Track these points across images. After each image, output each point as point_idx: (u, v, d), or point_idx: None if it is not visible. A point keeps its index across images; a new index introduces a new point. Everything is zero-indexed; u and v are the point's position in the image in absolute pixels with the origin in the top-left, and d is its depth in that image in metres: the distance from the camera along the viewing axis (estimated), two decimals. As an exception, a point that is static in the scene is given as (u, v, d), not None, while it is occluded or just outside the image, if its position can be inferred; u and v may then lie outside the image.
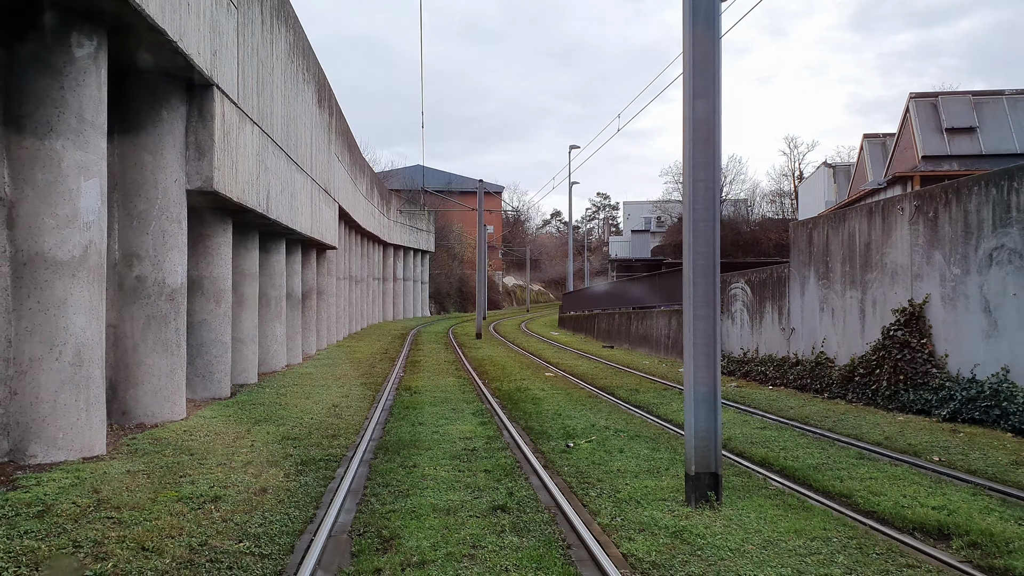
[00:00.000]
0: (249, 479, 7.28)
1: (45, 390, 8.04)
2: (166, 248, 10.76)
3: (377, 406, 12.57)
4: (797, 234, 17.05)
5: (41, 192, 8.05)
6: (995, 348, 11.19)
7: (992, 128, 24.78)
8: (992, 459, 8.49)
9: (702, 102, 6.52)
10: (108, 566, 4.84)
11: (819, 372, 15.07)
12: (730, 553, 5.24)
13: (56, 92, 8.15)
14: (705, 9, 6.41)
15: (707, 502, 6.37)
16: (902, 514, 6.25)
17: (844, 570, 4.93)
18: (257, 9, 13.92)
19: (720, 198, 6.53)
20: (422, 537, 5.55)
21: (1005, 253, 11.04)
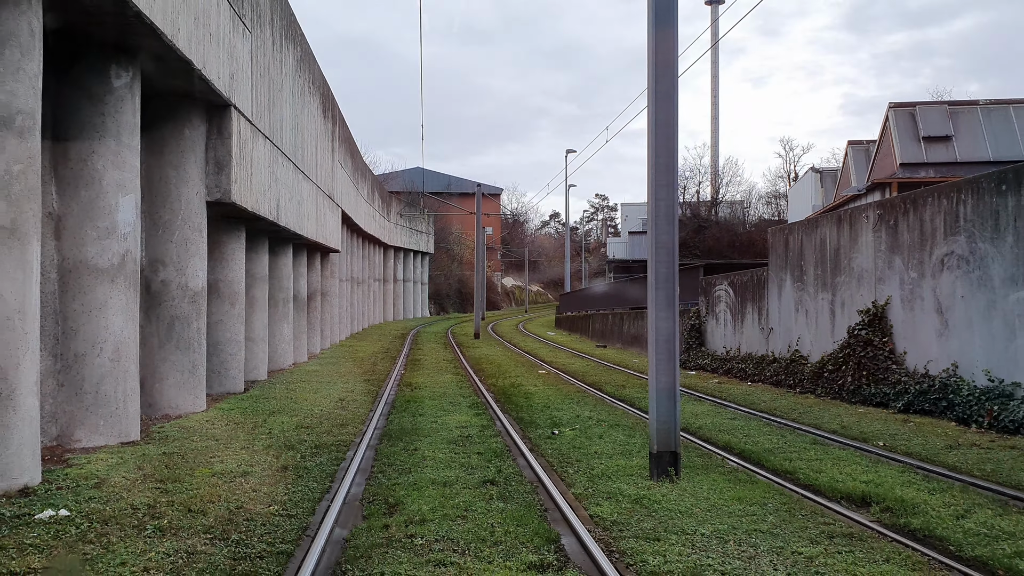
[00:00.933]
0: (271, 459, 8.32)
1: (88, 383, 9.07)
2: (188, 255, 11.80)
3: (380, 400, 13.60)
4: (775, 239, 18.10)
5: (84, 207, 9.08)
6: (946, 346, 12.23)
7: (967, 137, 25.85)
8: (930, 444, 9.53)
9: (664, 129, 7.56)
10: (164, 522, 5.88)
11: (793, 369, 16.12)
12: (679, 514, 6.27)
13: (97, 118, 9.18)
14: (665, 58, 7.44)
15: (667, 476, 7.41)
16: (835, 487, 7.29)
17: (770, 526, 5.97)
18: (268, 31, 14.96)
19: (677, 215, 7.56)
20: (422, 503, 6.58)
21: (954, 259, 12.09)
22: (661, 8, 7.55)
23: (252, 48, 13.57)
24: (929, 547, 5.56)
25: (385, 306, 49.58)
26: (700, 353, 21.39)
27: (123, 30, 8.77)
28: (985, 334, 11.43)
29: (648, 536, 5.70)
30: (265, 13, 14.64)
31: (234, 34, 12.30)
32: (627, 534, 5.77)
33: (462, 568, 4.99)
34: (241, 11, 12.71)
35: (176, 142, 11.72)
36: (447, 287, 75.44)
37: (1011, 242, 10.97)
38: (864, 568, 5.02)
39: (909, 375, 12.81)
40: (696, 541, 5.58)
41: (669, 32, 7.46)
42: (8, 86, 6.82)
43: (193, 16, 10.13)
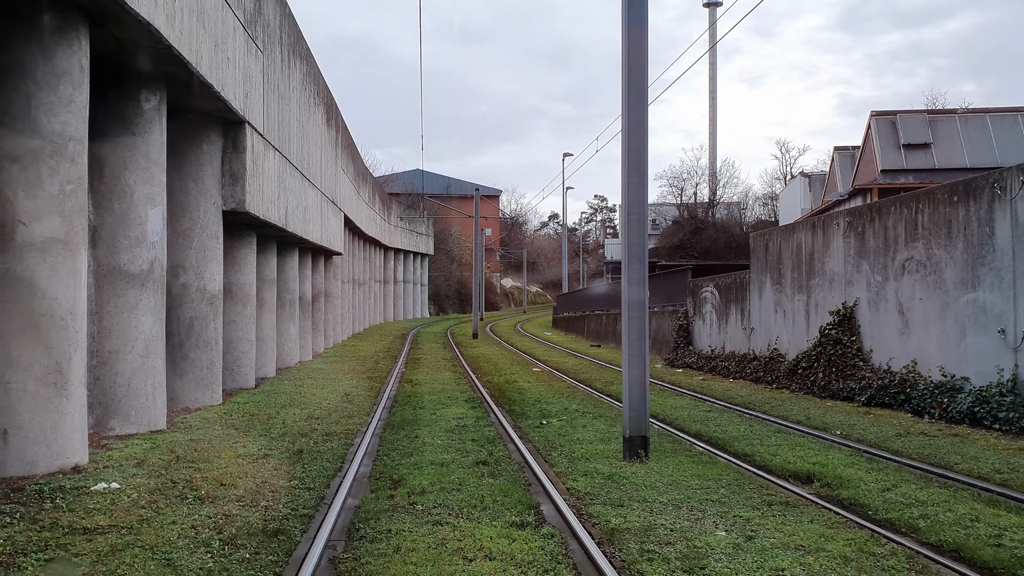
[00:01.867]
0: (287, 444, 9.32)
1: (121, 376, 10.06)
2: (206, 260, 12.80)
3: (383, 395, 14.60)
4: (756, 243, 19.12)
5: (118, 218, 10.07)
6: (906, 344, 13.24)
7: (945, 144, 26.87)
8: (883, 433, 10.54)
9: (636, 154, 8.57)
10: (201, 492, 6.88)
11: (771, 366, 17.13)
12: (643, 487, 7.27)
13: (128, 138, 10.18)
14: (637, 88, 8.44)
15: (638, 458, 8.41)
16: (785, 467, 8.29)
17: (720, 496, 6.96)
18: (278, 49, 15.96)
19: (648, 227, 8.54)
20: (423, 479, 7.58)
21: (914, 264, 13.10)
22: (633, 11, 8.54)
23: (264, 67, 14.57)
24: (850, 512, 6.56)
25: (385, 307, 50.58)
26: (688, 352, 22.38)
27: (154, 60, 9.77)
28: (940, 333, 12.44)
29: (614, 503, 6.70)
30: (274, 33, 15.63)
31: (248, 55, 13.29)
32: (596, 502, 6.77)
33: (456, 527, 5.98)
34: (254, 33, 13.71)
35: (195, 156, 12.73)
36: (446, 288, 76.42)
37: (962, 248, 11.98)
38: (790, 526, 6.01)
39: (874, 371, 13.81)
40: (654, 507, 6.58)
41: (641, 82, 8.46)
42: (62, 117, 7.82)
43: (213, 43, 11.13)
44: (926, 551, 5.49)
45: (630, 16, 8.41)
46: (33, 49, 7.68)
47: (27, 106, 7.63)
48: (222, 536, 5.67)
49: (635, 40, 8.43)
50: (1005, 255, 11.12)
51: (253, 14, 13.66)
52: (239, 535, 5.71)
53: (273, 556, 5.29)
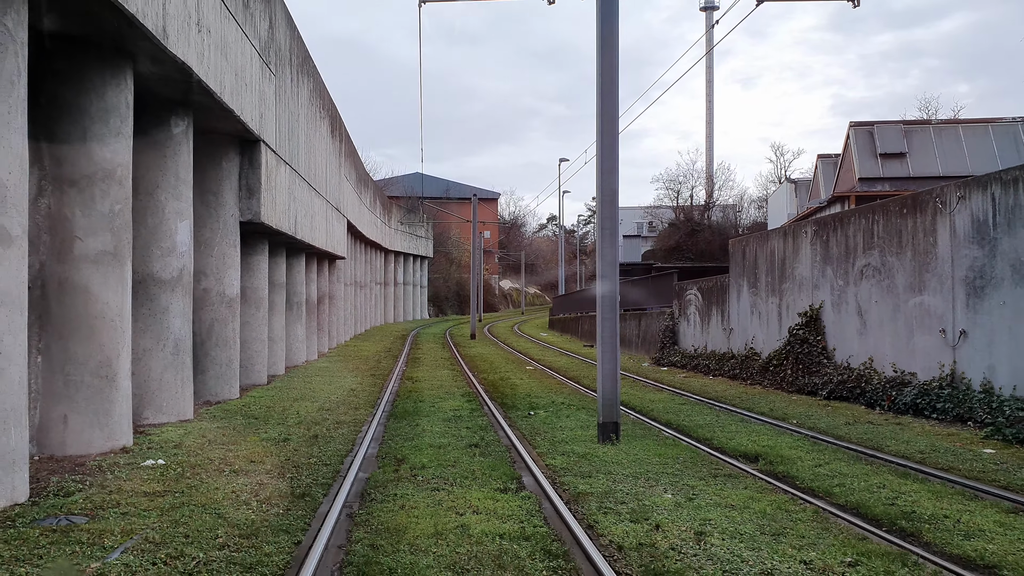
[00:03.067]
0: (303, 431, 10.58)
1: (154, 371, 11.32)
2: (225, 267, 14.06)
3: (386, 390, 15.85)
4: (734, 249, 20.38)
5: (151, 231, 11.33)
6: (864, 343, 14.51)
7: (920, 154, 28.16)
8: (834, 422, 11.79)
9: (609, 177, 9.83)
10: (236, 467, 8.13)
11: (747, 364, 18.39)
12: (610, 463, 8.53)
13: (159, 160, 11.43)
14: (610, 115, 9.71)
15: (610, 440, 9.67)
16: (737, 448, 9.54)
17: (674, 470, 8.22)
18: (288, 71, 17.22)
19: (619, 238, 9.77)
20: (423, 457, 8.83)
21: (870, 269, 14.36)
22: (607, 36, 9.80)
23: (276, 88, 15.83)
24: (782, 482, 7.81)
25: (386, 308, 51.83)
26: (673, 351, 23.64)
27: (184, 91, 11.03)
28: (892, 333, 13.71)
29: (583, 475, 7.96)
30: (285, 55, 16.89)
31: (263, 80, 14.55)
32: (568, 474, 8.03)
33: (450, 492, 7.23)
34: (267, 59, 14.97)
35: (215, 172, 13.99)
36: (446, 290, 77.68)
37: (910, 256, 13.24)
38: (726, 492, 7.27)
39: (836, 368, 15.08)
40: (616, 478, 7.84)
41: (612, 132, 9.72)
42: (112, 146, 9.08)
43: (234, 73, 12.39)
44: (832, 508, 6.75)
45: (604, 89, 9.67)
46: (87, 89, 8.93)
47: (83, 138, 8.88)
48: (259, 498, 6.93)
49: (608, 88, 9.69)
50: (946, 262, 12.38)
51: (267, 41, 14.92)
52: (272, 497, 6.97)
53: (302, 511, 6.55)
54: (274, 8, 15.53)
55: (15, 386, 6.73)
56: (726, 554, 5.40)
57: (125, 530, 5.86)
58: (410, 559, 5.27)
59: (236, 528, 5.97)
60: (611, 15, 9.61)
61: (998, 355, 11.27)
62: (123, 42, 8.92)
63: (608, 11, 9.57)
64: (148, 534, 5.77)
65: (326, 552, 5.47)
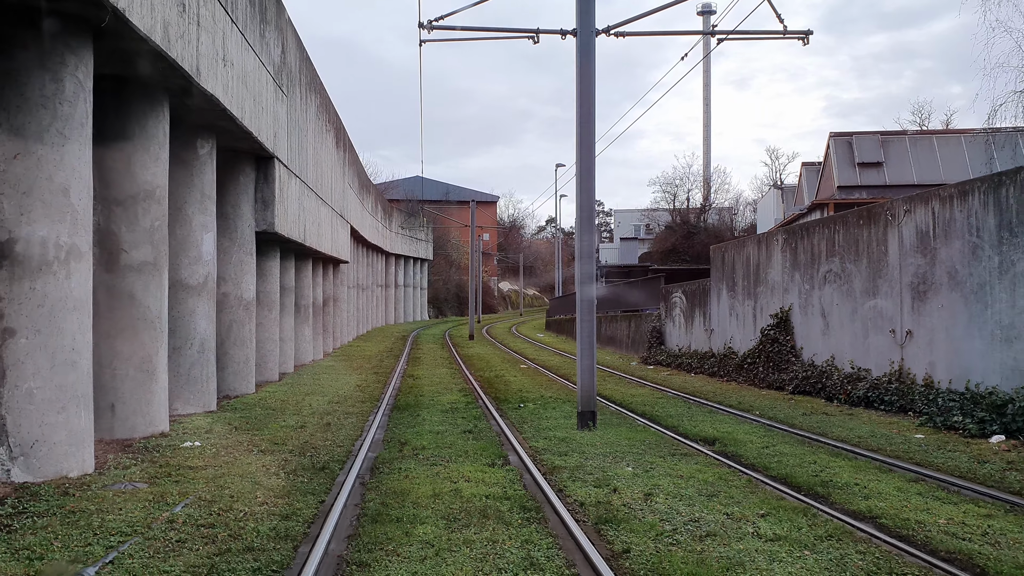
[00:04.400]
0: (317, 420, 11.92)
1: (183, 368, 12.65)
2: (243, 272, 15.41)
3: (389, 386, 17.19)
4: (715, 255, 21.73)
5: (180, 242, 12.66)
6: (827, 342, 15.85)
7: (895, 163, 29.53)
8: (792, 413, 13.12)
9: (586, 195, 11.18)
10: (262, 447, 9.47)
11: (725, 362, 19.73)
12: (585, 445, 9.87)
13: (187, 178, 12.77)
14: (586, 147, 11.06)
15: (587, 427, 11.01)
16: (699, 434, 10.87)
17: (639, 450, 9.55)
18: (297, 90, 18.57)
19: (596, 250, 11.09)
20: (423, 441, 10.17)
21: (832, 275, 15.71)
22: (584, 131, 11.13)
23: (287, 108, 17.18)
24: (729, 460, 9.15)
25: (387, 310, 53.18)
26: (660, 351, 24.98)
27: (209, 117, 12.38)
28: (851, 333, 15.05)
29: (560, 454, 9.31)
30: (295, 76, 18.24)
31: (276, 102, 15.91)
32: (548, 453, 9.38)
33: (446, 466, 8.56)
34: (280, 82, 16.32)
35: (233, 186, 15.34)
36: (445, 291, 79.02)
37: (866, 263, 14.59)
38: (678, 466, 8.60)
39: (803, 365, 16.42)
40: (588, 456, 9.18)
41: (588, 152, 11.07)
42: (152, 170, 10.42)
43: (252, 98, 13.74)
44: (764, 479, 8.09)
45: (582, 129, 11.03)
46: (132, 120, 10.27)
47: (128, 163, 10.22)
48: (286, 470, 8.27)
49: (585, 120, 11.05)
50: (895, 269, 13.73)
51: (280, 66, 16.27)
52: (297, 470, 8.32)
53: (323, 480, 7.89)
54: (286, 35, 16.88)
55: (84, 376, 8.08)
56: (665, 508, 6.75)
57: (180, 492, 7.20)
58: (413, 512, 6.60)
59: (271, 491, 7.32)
60: (588, 62, 10.97)
61: (937, 353, 12.62)
62: (163, 81, 10.27)
63: (585, 60, 10.93)
64: (200, 495, 7.11)
65: (346, 508, 6.81)
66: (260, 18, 14.32)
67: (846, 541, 5.83)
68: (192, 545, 5.65)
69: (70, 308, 7.90)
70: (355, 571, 5.18)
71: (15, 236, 7.62)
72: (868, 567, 5.26)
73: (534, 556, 5.43)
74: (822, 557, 5.46)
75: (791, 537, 5.90)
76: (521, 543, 5.73)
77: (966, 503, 7.05)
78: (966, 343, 11.94)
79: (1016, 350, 10.92)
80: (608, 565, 5.22)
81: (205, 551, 5.51)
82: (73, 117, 7.95)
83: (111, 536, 5.82)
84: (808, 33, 12.53)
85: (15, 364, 7.57)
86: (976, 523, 6.35)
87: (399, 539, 5.83)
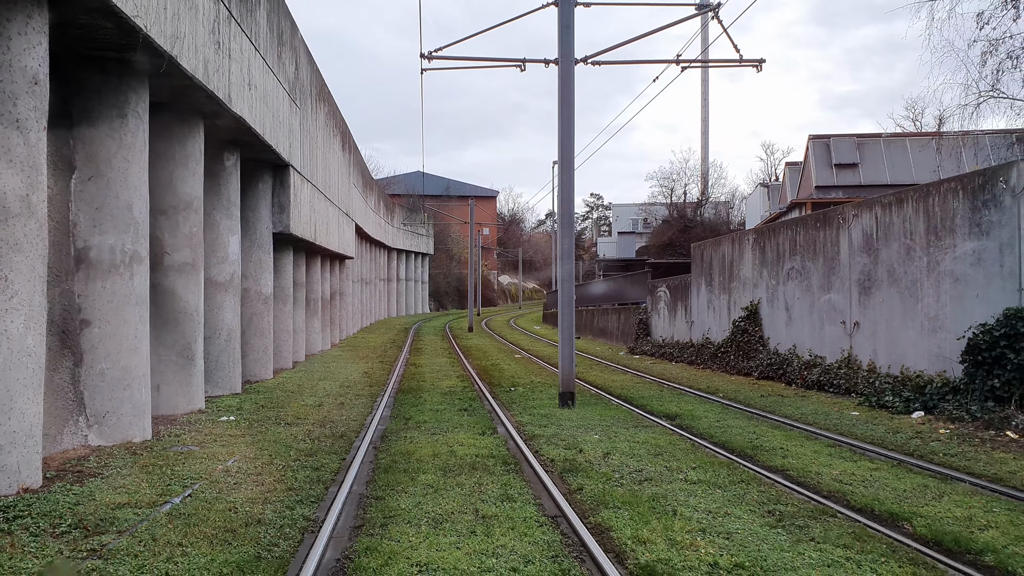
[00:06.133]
0: (331, 400, 13.61)
1: (212, 355, 14.32)
2: (261, 270, 17.08)
3: (393, 373, 18.88)
4: (695, 252, 23.38)
5: (210, 244, 14.32)
6: (791, 332, 17.52)
7: (870, 164, 31.13)
8: (752, 395, 14.79)
9: (567, 203, 12.83)
10: (288, 421, 11.15)
11: (702, 351, 21.40)
12: (563, 419, 11.54)
13: (215, 187, 14.42)
14: (567, 163, 12.70)
15: (567, 406, 12.68)
16: (663, 411, 12.54)
17: (608, 423, 11.21)
18: (309, 101, 20.20)
19: (573, 254, 12.74)
20: (424, 417, 11.84)
21: (794, 272, 17.37)
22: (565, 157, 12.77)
23: (300, 119, 18.81)
24: (683, 431, 10.81)
25: (389, 303, 54.87)
26: (646, 342, 26.66)
27: (235, 133, 14.02)
28: (809, 324, 16.71)
29: (540, 426, 10.99)
30: (307, 89, 19.87)
31: (291, 115, 17.54)
32: (530, 426, 11.05)
33: (444, 435, 10.23)
34: (294, 96, 17.95)
35: (253, 192, 16.99)
36: (446, 285, 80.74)
37: (822, 262, 16.24)
38: (638, 435, 10.26)
39: (769, 353, 18.09)
40: (563, 428, 10.85)
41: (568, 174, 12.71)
42: (190, 183, 12.07)
43: (272, 114, 15.38)
44: (706, 444, 9.76)
45: (563, 156, 12.66)
46: (174, 141, 11.92)
47: (171, 178, 11.88)
48: (310, 437, 9.96)
49: (565, 140, 12.70)
50: (845, 267, 15.38)
51: (294, 82, 17.90)
52: (320, 437, 10.00)
53: (343, 444, 9.57)
54: (299, 53, 18.51)
55: (144, 360, 9.76)
56: (618, 463, 8.42)
57: (228, 452, 8.89)
58: (416, 465, 8.28)
59: (301, 451, 9.01)
60: (568, 88, 12.59)
61: (879, 341, 14.28)
62: (200, 107, 11.92)
63: (566, 86, 12.55)
64: (245, 454, 8.79)
65: (363, 463, 8.48)
66: (278, 41, 15.95)
67: (752, 485, 7.51)
68: (247, 486, 7.33)
69: (133, 303, 9.57)
70: (374, 503, 6.86)
71: (89, 244, 9.28)
72: (760, 499, 6.93)
73: (510, 493, 7.11)
74: (728, 493, 7.14)
75: (710, 481, 7.58)
76: (501, 485, 7.40)
77: (863, 461, 8.72)
78: (901, 333, 13.60)
79: (939, 339, 12.59)
80: (564, 498, 6.89)
81: (258, 489, 7.19)
82: (135, 145, 9.60)
83: (183, 480, 7.51)
84: (761, 61, 14.14)
85: (90, 349, 9.25)
86: (863, 474, 8.02)
87: (406, 483, 7.51)
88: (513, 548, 5.52)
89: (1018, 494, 7.16)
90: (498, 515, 6.35)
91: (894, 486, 7.49)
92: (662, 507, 6.59)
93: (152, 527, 5.90)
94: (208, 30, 10.91)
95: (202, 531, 5.84)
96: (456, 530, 5.95)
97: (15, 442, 6.83)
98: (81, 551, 5.35)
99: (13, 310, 6.87)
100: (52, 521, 5.99)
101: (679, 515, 6.34)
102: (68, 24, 8.20)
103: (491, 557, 5.33)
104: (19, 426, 6.88)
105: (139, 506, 6.53)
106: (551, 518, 6.34)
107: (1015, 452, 9.03)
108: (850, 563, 5.23)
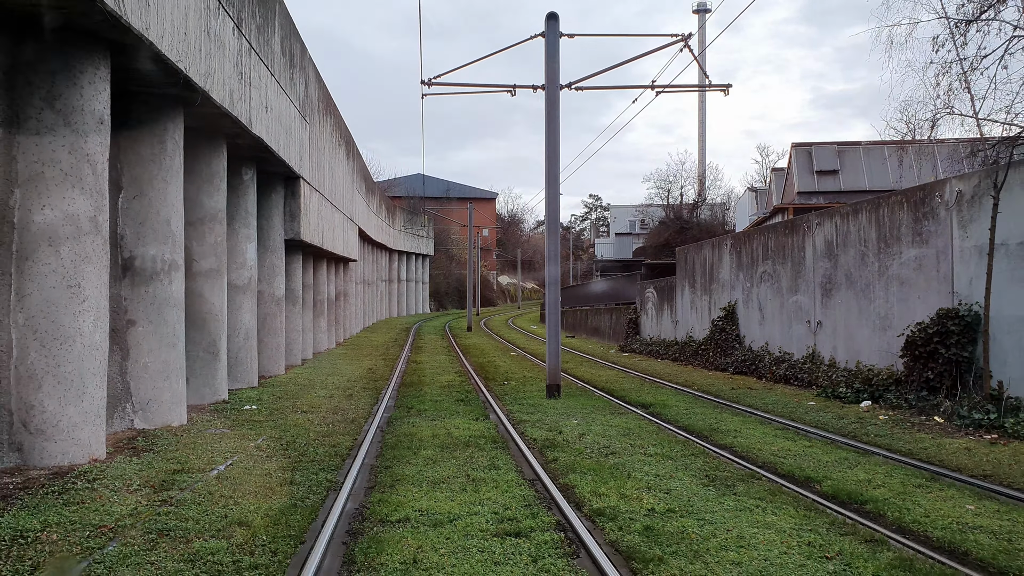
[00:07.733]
0: (341, 392, 15.04)
1: (231, 352, 15.75)
2: (274, 274, 18.51)
3: (396, 369, 20.31)
4: (679, 256, 24.81)
5: (230, 251, 15.74)
6: (763, 331, 18.94)
7: (850, 170, 32.57)
8: (723, 388, 16.21)
9: (552, 214, 14.27)
10: (304, 408, 12.59)
11: (685, 349, 22.83)
12: (548, 408, 12.97)
13: (235, 199, 15.85)
14: (553, 177, 14.12)
15: (554, 396, 14.12)
16: (639, 401, 13.96)
17: (588, 411, 12.64)
18: (317, 116, 21.63)
19: (559, 260, 14.14)
20: (425, 406, 13.27)
21: (767, 275, 18.79)
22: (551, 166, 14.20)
23: (309, 133, 20.24)
24: (654, 417, 12.23)
25: (391, 304, 56.31)
26: (636, 340, 28.09)
27: (252, 150, 15.46)
28: (779, 323, 18.14)
29: (528, 413, 12.42)
30: (315, 104, 21.29)
31: (301, 130, 18.98)
32: (518, 413, 12.48)
33: (443, 421, 11.66)
34: (304, 113, 19.38)
35: (267, 203, 18.42)
36: (446, 285, 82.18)
37: (790, 265, 17.66)
38: (613, 420, 11.69)
39: (744, 350, 19.52)
40: (547, 415, 12.28)
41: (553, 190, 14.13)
42: (215, 198, 13.50)
43: (285, 132, 16.81)
44: (672, 427, 11.18)
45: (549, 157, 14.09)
46: (200, 161, 13.35)
47: (198, 193, 13.31)
48: (324, 422, 11.39)
49: (552, 158, 14.13)
50: (810, 271, 16.81)
51: (303, 99, 19.33)
52: (333, 421, 11.44)
53: (354, 428, 11.00)
54: (308, 72, 19.95)
55: (180, 354, 11.19)
56: (592, 441, 9.86)
57: (256, 434, 10.32)
58: (418, 444, 9.72)
59: (318, 432, 10.44)
60: (554, 111, 14.02)
61: (838, 338, 15.70)
62: (223, 130, 13.35)
63: (552, 109, 13.98)
64: (269, 435, 10.23)
65: (372, 442, 9.91)
66: (290, 64, 17.39)
67: (700, 457, 8.94)
68: (277, 459, 8.76)
69: (171, 305, 11.00)
70: (383, 470, 8.29)
71: (134, 255, 10.71)
72: (703, 468, 8.36)
73: (497, 463, 8.54)
74: (677, 463, 8.57)
75: (665, 455, 9.01)
76: (489, 458, 8.83)
77: (802, 440, 10.15)
78: (857, 331, 15.03)
79: (888, 336, 14.01)
80: (541, 467, 8.32)
81: (286, 461, 8.63)
82: (172, 167, 11.03)
83: (223, 454, 8.94)
84: (728, 86, 15.57)
85: (135, 345, 10.68)
86: (798, 450, 9.45)
87: (409, 456, 8.94)
88: (496, 500, 6.95)
89: (919, 464, 8.59)
90: (485, 479, 7.78)
91: (820, 459, 8.92)
92: (620, 473, 8.03)
93: (207, 486, 7.34)
94: (233, 63, 12.34)
95: (247, 489, 7.28)
96: (451, 488, 7.38)
97: (87, 420, 8.27)
98: (155, 502, 6.78)
99: (85, 311, 8.30)
100: (124, 482, 7.43)
101: (632, 478, 7.77)
102: (121, 68, 9.63)
103: (478, 505, 6.76)
104: (90, 407, 8.31)
105: (191, 472, 7.97)
106: (528, 480, 7.78)
107: (935, 433, 10.46)
108: (758, 509, 6.66)
